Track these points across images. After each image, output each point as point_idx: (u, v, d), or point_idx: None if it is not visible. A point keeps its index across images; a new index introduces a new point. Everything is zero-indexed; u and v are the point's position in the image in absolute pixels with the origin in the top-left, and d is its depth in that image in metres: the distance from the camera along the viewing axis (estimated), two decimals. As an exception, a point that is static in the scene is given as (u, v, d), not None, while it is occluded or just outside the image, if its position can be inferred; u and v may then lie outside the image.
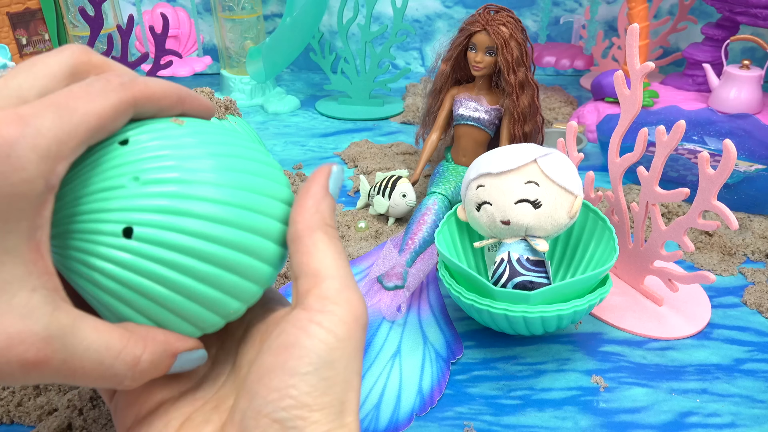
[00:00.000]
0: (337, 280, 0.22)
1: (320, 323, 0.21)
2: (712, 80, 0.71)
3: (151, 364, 0.21)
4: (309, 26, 0.81)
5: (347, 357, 0.22)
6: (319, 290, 0.22)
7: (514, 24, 0.54)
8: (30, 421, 0.37)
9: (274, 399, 0.21)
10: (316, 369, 0.21)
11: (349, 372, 0.22)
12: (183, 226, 0.21)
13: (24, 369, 0.18)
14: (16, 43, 0.94)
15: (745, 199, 0.58)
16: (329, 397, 0.21)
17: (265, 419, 0.21)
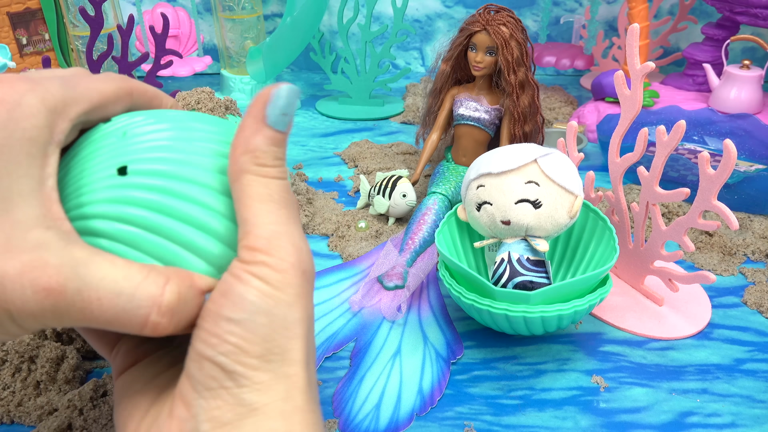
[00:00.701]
0: (265, 229, 0.22)
1: (252, 272, 0.21)
2: (712, 80, 0.71)
3: (178, 297, 0.21)
4: (309, 26, 0.81)
5: (285, 304, 0.21)
6: (248, 241, 0.22)
7: (514, 24, 0.54)
8: (30, 421, 0.37)
9: (214, 344, 0.21)
10: (250, 315, 0.21)
11: (290, 320, 0.21)
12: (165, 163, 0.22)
13: (37, 297, 0.19)
14: (16, 43, 0.94)
15: (746, 199, 0.58)
16: (268, 344, 0.21)
17: (206, 362, 0.21)
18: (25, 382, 0.38)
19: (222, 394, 0.21)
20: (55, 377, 0.39)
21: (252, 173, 0.22)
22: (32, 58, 0.97)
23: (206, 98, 0.55)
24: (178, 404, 0.22)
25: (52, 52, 0.98)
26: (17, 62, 0.95)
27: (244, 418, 0.21)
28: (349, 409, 0.38)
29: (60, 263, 0.19)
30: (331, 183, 0.66)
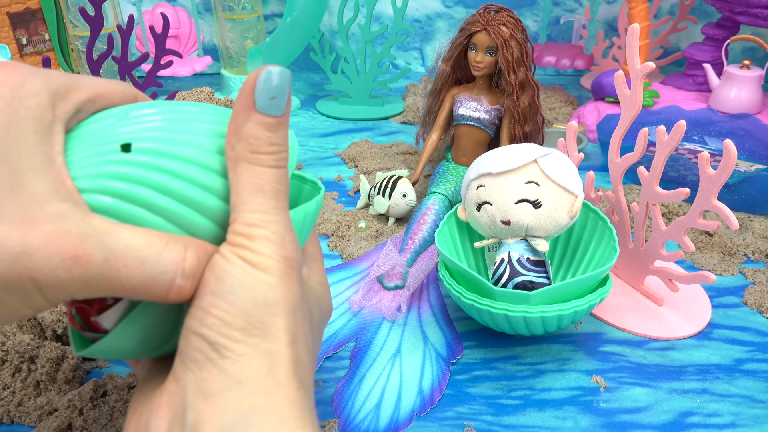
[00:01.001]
0: (250, 216, 0.22)
1: (236, 252, 0.22)
2: (712, 80, 0.71)
3: (198, 262, 0.22)
4: (309, 26, 0.81)
5: (266, 284, 0.22)
6: (234, 227, 0.23)
7: (514, 24, 0.54)
8: (30, 421, 0.37)
9: (200, 317, 0.22)
10: (232, 289, 0.21)
11: (271, 297, 0.22)
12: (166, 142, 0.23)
13: (66, 265, 0.19)
14: (16, 43, 0.94)
15: (746, 199, 0.58)
16: (249, 318, 0.21)
17: (193, 335, 0.22)
18: (25, 382, 0.38)
19: (207, 366, 0.21)
20: (55, 377, 0.39)
21: (246, 161, 0.23)
22: (32, 58, 0.97)
23: (206, 98, 0.55)
24: (169, 381, 0.22)
25: (52, 52, 0.98)
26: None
27: (228, 390, 0.21)
28: (349, 409, 0.38)
29: (83, 233, 0.19)
30: (331, 183, 0.66)
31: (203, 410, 0.21)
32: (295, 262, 0.23)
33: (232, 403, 0.21)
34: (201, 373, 0.21)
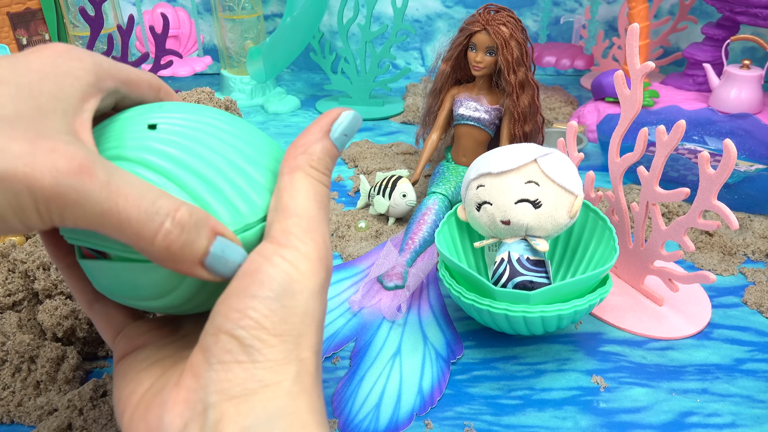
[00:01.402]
0: (305, 220, 0.23)
1: (283, 255, 0.22)
2: (712, 80, 0.71)
3: (190, 216, 0.21)
4: (309, 26, 0.81)
5: (308, 291, 0.22)
6: (285, 225, 0.23)
7: (514, 24, 0.54)
8: (30, 421, 0.37)
9: (235, 318, 0.21)
10: (276, 295, 0.22)
11: (310, 307, 0.22)
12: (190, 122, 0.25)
13: (70, 170, 0.19)
14: (16, 43, 0.94)
15: (746, 198, 0.58)
16: (287, 326, 0.22)
17: (224, 335, 0.21)
18: (25, 382, 0.38)
19: (234, 368, 0.21)
20: (55, 377, 0.39)
21: (304, 172, 0.24)
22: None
23: (206, 98, 0.55)
24: (186, 375, 0.22)
25: (52, 52, 0.98)
26: (17, 62, 0.95)
27: (253, 393, 0.21)
28: (349, 409, 0.38)
29: (91, 157, 0.20)
30: (331, 183, 0.66)
31: (227, 410, 0.21)
32: (330, 275, 0.24)
33: (257, 406, 0.21)
34: (226, 374, 0.21)
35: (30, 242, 0.45)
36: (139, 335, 0.27)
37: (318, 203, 0.24)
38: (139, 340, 0.27)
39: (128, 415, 0.23)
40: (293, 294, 0.22)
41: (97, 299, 0.28)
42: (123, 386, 0.25)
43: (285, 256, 0.22)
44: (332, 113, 0.25)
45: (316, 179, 0.24)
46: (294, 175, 0.24)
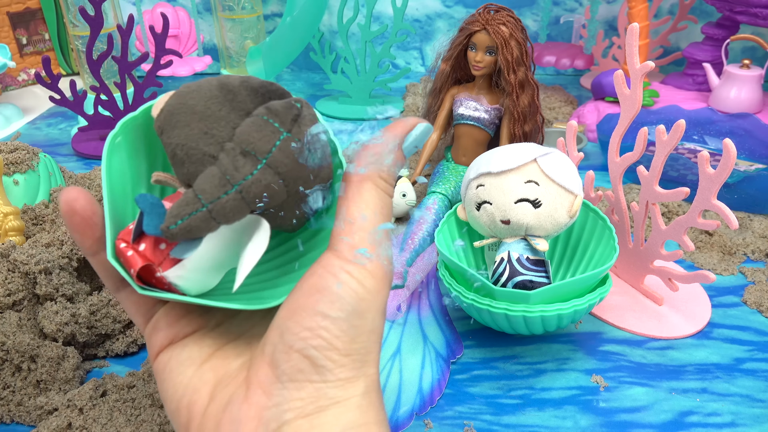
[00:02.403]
0: (371, 235, 0.23)
1: (351, 272, 0.22)
2: (712, 80, 0.71)
3: None
4: (309, 26, 0.81)
5: (374, 310, 0.22)
6: (353, 240, 0.23)
7: (514, 23, 0.54)
8: (30, 421, 0.37)
9: (306, 337, 0.22)
10: (347, 316, 0.22)
11: (376, 325, 0.23)
12: None
13: None
14: (16, 42, 0.94)
15: (745, 198, 0.58)
16: (357, 345, 0.22)
17: (296, 354, 0.22)
18: (25, 381, 0.38)
19: (306, 387, 0.22)
20: (55, 377, 0.39)
21: (374, 182, 0.24)
22: (32, 57, 0.97)
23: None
24: (256, 391, 0.22)
25: (52, 52, 0.98)
26: (17, 62, 0.95)
27: (325, 409, 0.22)
28: (348, 409, 0.38)
29: None
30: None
31: (300, 425, 0.21)
32: (391, 286, 0.24)
33: (330, 420, 0.21)
34: (299, 392, 0.22)
35: (30, 242, 0.45)
36: (169, 325, 0.26)
37: (384, 217, 0.24)
38: (171, 331, 0.26)
39: (195, 428, 0.24)
40: (362, 313, 0.22)
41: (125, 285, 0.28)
42: (176, 393, 0.25)
43: (352, 274, 0.22)
44: (408, 123, 0.25)
45: (383, 190, 0.24)
46: (363, 185, 0.24)
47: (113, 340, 0.43)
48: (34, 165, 0.56)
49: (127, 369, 0.41)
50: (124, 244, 0.24)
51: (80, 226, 0.25)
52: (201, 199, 0.21)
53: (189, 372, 0.25)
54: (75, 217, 0.25)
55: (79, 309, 0.41)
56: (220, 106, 0.22)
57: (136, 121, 0.26)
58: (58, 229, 0.46)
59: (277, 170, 0.22)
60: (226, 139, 0.22)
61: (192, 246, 0.23)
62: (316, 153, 0.23)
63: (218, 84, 0.23)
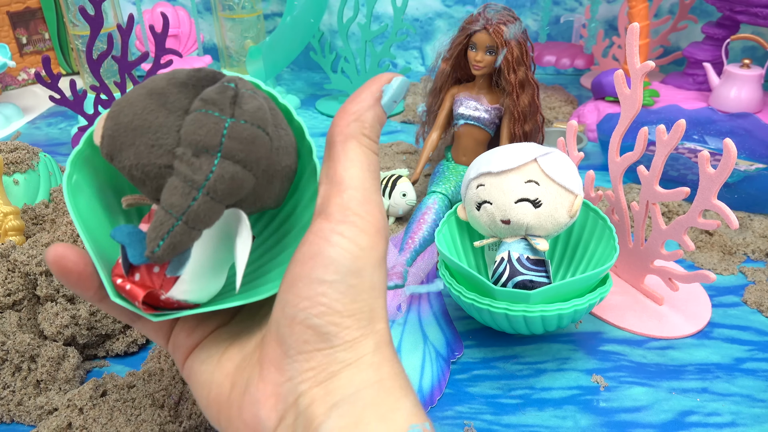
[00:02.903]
0: (360, 192, 0.22)
1: (342, 233, 0.22)
2: (712, 79, 0.71)
3: None
4: (309, 25, 0.81)
5: (371, 266, 0.22)
6: (341, 199, 0.22)
7: (514, 23, 0.54)
8: (30, 421, 0.37)
9: (306, 307, 0.21)
10: (342, 277, 0.21)
11: (375, 280, 0.22)
12: None
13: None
14: (16, 42, 0.94)
15: (746, 198, 0.58)
16: (358, 304, 0.22)
17: (299, 326, 0.22)
18: (25, 381, 0.38)
19: (315, 356, 0.22)
20: (55, 376, 0.39)
21: (357, 140, 0.23)
22: (32, 57, 0.96)
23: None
24: (268, 369, 0.22)
25: (52, 51, 0.98)
26: (17, 61, 0.95)
27: (337, 373, 0.22)
28: (349, 409, 0.38)
29: None
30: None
31: (316, 393, 0.21)
32: (388, 239, 0.23)
33: (343, 383, 0.21)
34: (309, 363, 0.22)
35: (30, 242, 0.45)
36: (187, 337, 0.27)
37: (371, 173, 0.23)
38: (190, 341, 0.26)
39: (224, 417, 0.24)
40: (358, 272, 0.22)
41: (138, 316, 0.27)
42: (203, 390, 0.25)
43: (344, 234, 0.22)
44: (382, 78, 0.24)
45: (368, 148, 0.24)
46: (347, 144, 0.23)
47: (113, 340, 0.43)
48: (34, 165, 0.56)
49: (127, 369, 0.41)
50: (120, 280, 0.23)
51: (77, 282, 0.25)
52: (172, 213, 0.21)
53: (210, 368, 0.25)
54: (70, 276, 0.24)
55: (79, 310, 0.41)
56: (156, 114, 0.21)
57: (83, 154, 0.25)
58: (58, 228, 0.46)
59: (235, 159, 0.21)
60: (174, 145, 0.21)
61: (183, 259, 0.23)
62: (267, 125, 0.22)
63: (146, 92, 0.22)
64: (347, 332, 0.22)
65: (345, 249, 0.22)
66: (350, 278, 0.22)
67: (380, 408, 0.21)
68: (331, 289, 0.21)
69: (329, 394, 0.21)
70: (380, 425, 0.21)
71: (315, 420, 0.21)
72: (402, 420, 0.21)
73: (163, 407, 0.36)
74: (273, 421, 0.22)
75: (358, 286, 0.22)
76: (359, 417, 0.21)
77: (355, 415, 0.21)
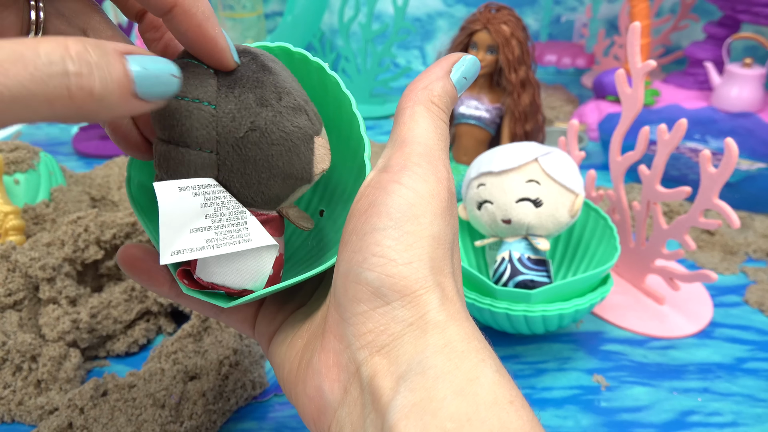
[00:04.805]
0: (423, 146, 0.21)
1: (399, 181, 0.20)
2: (713, 79, 0.71)
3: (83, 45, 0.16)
4: (310, 25, 0.81)
5: (432, 213, 0.20)
6: (402, 153, 0.21)
7: (515, 22, 0.54)
8: (31, 420, 0.37)
9: (359, 260, 0.20)
10: (396, 223, 0.20)
11: (436, 230, 0.20)
12: None
13: None
14: (17, 42, 0.94)
15: (747, 197, 0.57)
16: (416, 251, 0.20)
17: (352, 284, 0.20)
18: (26, 381, 0.38)
19: (372, 316, 0.20)
20: (56, 376, 0.39)
21: (425, 106, 0.22)
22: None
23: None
24: (329, 337, 0.21)
25: (52, 51, 0.98)
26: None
27: (399, 337, 0.19)
28: (349, 408, 0.38)
29: None
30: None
31: (377, 363, 0.19)
32: (455, 197, 0.22)
33: (407, 349, 0.19)
34: (365, 325, 0.19)
35: (30, 242, 0.45)
36: (268, 324, 0.26)
37: (439, 136, 0.22)
38: (271, 328, 0.26)
39: (293, 395, 0.23)
40: (415, 218, 0.20)
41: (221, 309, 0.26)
42: (279, 372, 0.24)
43: (401, 181, 0.20)
44: (453, 56, 0.24)
45: (436, 115, 0.23)
46: (414, 108, 0.22)
47: (114, 341, 0.43)
48: (34, 164, 0.56)
49: (128, 369, 0.41)
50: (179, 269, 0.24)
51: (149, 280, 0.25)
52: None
53: (284, 349, 0.24)
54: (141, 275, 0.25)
55: (80, 314, 0.41)
56: None
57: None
58: (58, 228, 0.46)
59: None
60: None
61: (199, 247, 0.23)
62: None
63: None
64: (404, 284, 0.19)
65: (401, 195, 0.20)
66: (406, 224, 0.20)
67: (455, 379, 0.18)
68: (384, 236, 0.19)
69: (393, 363, 0.19)
70: (458, 401, 0.18)
71: (383, 396, 0.19)
72: (485, 393, 0.18)
73: (164, 407, 0.36)
74: (337, 394, 0.20)
75: (416, 233, 0.20)
76: (432, 391, 0.18)
77: (426, 388, 0.18)
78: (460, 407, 0.17)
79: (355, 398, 0.20)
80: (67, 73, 0.16)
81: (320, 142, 0.24)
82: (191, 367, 0.38)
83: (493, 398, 0.18)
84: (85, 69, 0.16)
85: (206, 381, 0.37)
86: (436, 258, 0.20)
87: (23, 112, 0.16)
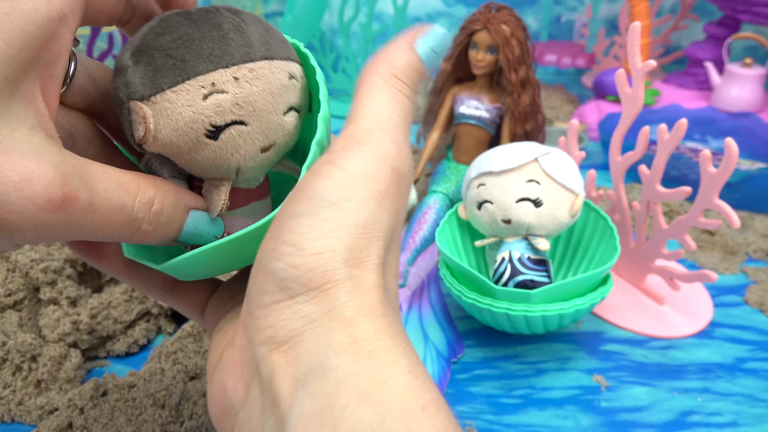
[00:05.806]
0: (371, 122, 0.19)
1: (333, 161, 0.18)
2: (713, 79, 0.71)
3: (164, 207, 0.19)
4: (310, 25, 0.81)
5: (362, 198, 0.18)
6: (347, 130, 0.19)
7: (515, 22, 0.54)
8: (31, 420, 0.37)
9: (270, 249, 0.18)
10: (315, 209, 0.18)
11: (365, 217, 0.18)
12: None
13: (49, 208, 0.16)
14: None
15: (747, 197, 0.57)
16: (329, 240, 0.17)
17: (260, 273, 0.18)
18: (25, 381, 0.38)
19: (273, 310, 0.17)
20: (56, 376, 0.39)
21: (385, 79, 0.20)
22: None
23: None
24: (239, 332, 0.19)
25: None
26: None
27: (300, 334, 0.17)
28: (349, 409, 0.38)
29: (63, 172, 0.16)
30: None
31: (276, 361, 0.17)
32: (405, 178, 0.19)
33: (307, 347, 0.17)
34: (266, 319, 0.17)
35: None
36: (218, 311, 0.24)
37: (398, 111, 0.20)
38: (218, 316, 0.24)
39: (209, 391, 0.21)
40: (338, 203, 0.17)
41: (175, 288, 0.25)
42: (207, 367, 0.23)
43: (335, 162, 0.18)
44: (419, 27, 0.22)
45: (398, 89, 0.20)
46: (372, 82, 0.20)
47: (114, 341, 0.43)
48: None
49: (128, 369, 0.41)
50: None
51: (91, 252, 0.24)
52: None
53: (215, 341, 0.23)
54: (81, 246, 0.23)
55: (81, 315, 0.41)
56: None
57: None
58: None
59: None
60: None
61: None
62: None
63: None
64: (309, 276, 0.17)
65: (330, 178, 0.18)
66: (326, 210, 0.17)
67: (359, 383, 0.16)
68: (298, 223, 0.17)
69: (292, 363, 0.17)
70: (362, 408, 0.15)
71: (281, 402, 0.17)
72: (393, 398, 0.16)
73: (164, 407, 0.36)
74: (240, 394, 0.19)
75: (335, 220, 0.17)
76: (333, 398, 0.16)
77: (327, 394, 0.16)
78: (365, 416, 0.15)
79: (255, 400, 0.18)
80: (139, 228, 0.19)
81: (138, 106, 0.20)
82: (191, 367, 0.38)
83: (403, 404, 0.16)
84: (152, 227, 0.19)
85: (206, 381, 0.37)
86: (355, 249, 0.18)
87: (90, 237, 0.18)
